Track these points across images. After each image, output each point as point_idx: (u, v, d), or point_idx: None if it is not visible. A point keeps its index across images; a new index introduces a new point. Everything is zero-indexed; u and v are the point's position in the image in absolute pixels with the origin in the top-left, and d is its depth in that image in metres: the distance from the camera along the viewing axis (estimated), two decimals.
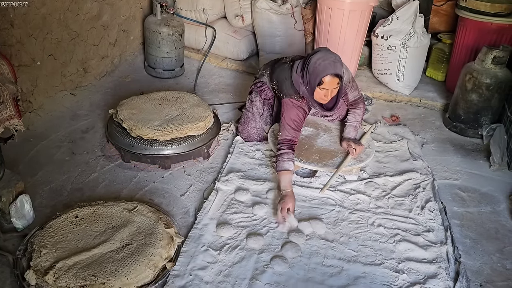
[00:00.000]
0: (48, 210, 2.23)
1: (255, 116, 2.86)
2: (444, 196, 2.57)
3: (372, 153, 2.66)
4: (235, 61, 4.07)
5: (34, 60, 2.87)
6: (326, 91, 2.39)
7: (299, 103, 2.51)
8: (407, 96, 3.69)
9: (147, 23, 3.72)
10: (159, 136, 2.56)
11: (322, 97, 2.44)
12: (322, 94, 2.41)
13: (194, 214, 2.30)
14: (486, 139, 3.04)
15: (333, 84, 2.37)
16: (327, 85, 2.36)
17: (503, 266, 2.12)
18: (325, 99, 2.44)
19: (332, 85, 2.37)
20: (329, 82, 2.35)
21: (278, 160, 2.41)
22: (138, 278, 1.82)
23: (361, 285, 1.95)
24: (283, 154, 2.41)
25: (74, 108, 3.16)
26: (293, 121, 2.48)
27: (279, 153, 2.43)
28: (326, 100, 2.45)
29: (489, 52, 3.05)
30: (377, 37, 3.63)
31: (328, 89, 2.38)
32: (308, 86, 2.42)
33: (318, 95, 2.43)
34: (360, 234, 2.23)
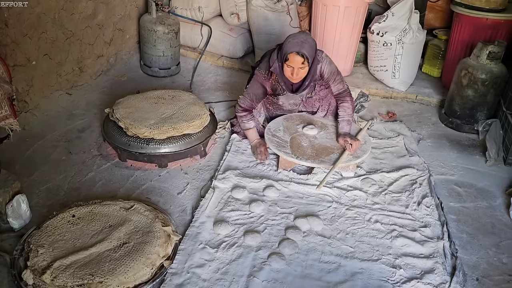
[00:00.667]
0: (45, 210, 2.23)
1: None
2: (441, 191, 2.58)
3: (369, 149, 2.67)
4: (231, 59, 4.06)
5: (29, 59, 2.86)
6: (292, 69, 2.52)
7: (264, 81, 2.69)
8: (403, 92, 3.70)
9: (143, 21, 3.72)
10: (155, 135, 2.56)
11: (289, 75, 2.57)
12: (289, 71, 2.55)
13: (191, 212, 2.30)
14: (482, 134, 3.05)
15: (297, 63, 2.49)
16: (292, 62, 2.49)
17: (499, 260, 2.13)
18: (292, 77, 2.57)
19: (297, 63, 2.49)
20: (293, 59, 2.48)
21: (241, 122, 2.78)
22: (135, 276, 1.82)
23: (358, 281, 1.95)
24: (243, 117, 2.76)
25: (70, 107, 3.16)
26: (253, 95, 2.73)
27: (241, 115, 2.76)
28: (293, 78, 2.57)
29: (484, 48, 3.06)
30: (373, 33, 3.63)
31: (293, 67, 2.51)
32: (279, 61, 2.58)
33: (286, 72, 2.57)
34: (357, 230, 2.24)
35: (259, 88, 2.72)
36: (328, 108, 2.93)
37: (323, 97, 2.87)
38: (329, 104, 2.91)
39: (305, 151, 2.60)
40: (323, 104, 2.91)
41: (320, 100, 2.88)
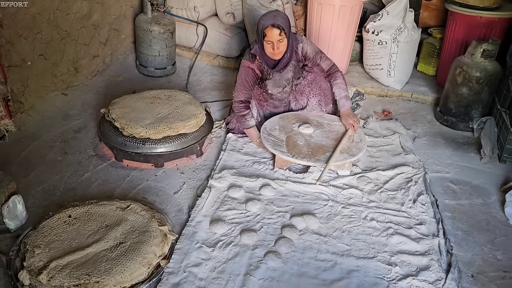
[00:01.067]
0: (41, 210, 2.22)
1: None
2: (436, 189, 2.59)
3: (364, 147, 2.68)
4: (227, 58, 4.07)
5: (25, 60, 2.86)
6: (272, 44, 2.59)
7: (251, 64, 2.73)
8: (399, 91, 3.71)
9: (138, 21, 3.71)
10: (151, 135, 2.56)
11: (270, 51, 2.63)
12: (269, 47, 2.61)
13: (187, 211, 2.31)
14: (477, 132, 3.07)
15: (275, 36, 2.56)
16: (270, 36, 2.56)
17: (494, 257, 2.15)
18: (274, 52, 2.63)
19: (275, 37, 2.56)
20: (270, 33, 2.55)
21: (243, 120, 2.78)
22: (132, 276, 1.82)
23: (354, 279, 1.96)
24: (245, 115, 2.77)
25: (65, 108, 3.15)
26: (245, 80, 2.74)
27: (241, 114, 2.77)
28: (275, 53, 2.63)
29: (478, 46, 3.07)
30: (368, 32, 3.64)
31: (273, 41, 2.58)
32: (258, 43, 2.66)
33: (267, 49, 2.64)
34: (353, 228, 2.25)
35: (248, 73, 2.75)
36: (320, 92, 2.92)
37: (312, 81, 2.88)
38: (320, 87, 2.90)
39: (301, 149, 2.61)
40: (313, 89, 2.90)
41: (309, 84, 2.89)
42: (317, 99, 2.94)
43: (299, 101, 2.97)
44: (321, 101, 2.95)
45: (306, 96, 2.94)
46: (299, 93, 2.94)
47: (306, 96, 2.94)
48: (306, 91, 2.93)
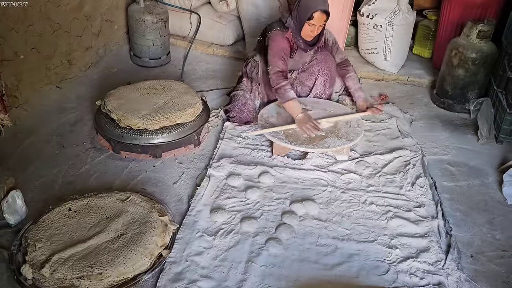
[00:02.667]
0: (41, 205, 2.22)
1: (245, 92, 2.90)
2: (434, 171, 2.61)
3: (362, 132, 2.68)
4: (221, 46, 4.04)
5: (17, 54, 2.82)
6: (314, 26, 2.59)
7: (284, 33, 2.67)
8: (395, 74, 3.71)
9: (131, 11, 3.67)
10: (148, 126, 2.55)
11: (308, 33, 2.63)
12: (309, 30, 2.61)
13: (187, 201, 2.31)
14: (474, 113, 3.07)
15: (321, 20, 2.57)
16: (316, 20, 2.55)
17: (493, 237, 2.17)
18: (311, 34, 2.64)
19: (320, 21, 2.57)
20: (318, 17, 2.54)
21: (282, 91, 2.61)
22: (134, 266, 1.83)
23: (355, 262, 1.98)
24: (285, 86, 2.61)
25: (60, 101, 3.13)
26: (282, 50, 2.65)
27: (280, 85, 2.61)
28: (312, 36, 2.65)
29: (474, 27, 3.06)
30: (363, 16, 3.62)
31: (316, 25, 2.58)
32: (297, 20, 2.60)
33: (305, 31, 2.62)
34: (353, 213, 2.26)
35: (285, 42, 2.68)
36: (328, 72, 2.91)
37: (321, 60, 2.87)
38: (328, 67, 2.90)
39: (298, 136, 2.61)
40: (322, 68, 2.88)
41: (318, 64, 2.87)
42: (323, 79, 2.93)
43: (305, 83, 2.94)
44: (326, 81, 2.94)
45: (315, 75, 2.92)
46: (307, 74, 2.91)
47: (314, 76, 2.92)
48: (315, 71, 2.90)
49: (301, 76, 2.93)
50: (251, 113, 2.90)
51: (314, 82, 2.93)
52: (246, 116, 2.90)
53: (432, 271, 1.95)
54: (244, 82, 2.94)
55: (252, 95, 2.90)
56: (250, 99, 2.90)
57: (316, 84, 2.94)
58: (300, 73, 2.92)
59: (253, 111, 2.90)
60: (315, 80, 2.93)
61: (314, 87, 2.95)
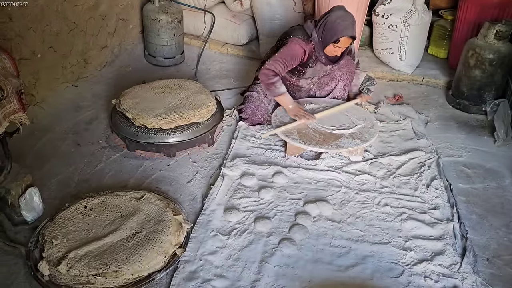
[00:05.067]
0: (57, 202, 2.25)
1: (260, 95, 2.89)
2: (449, 173, 2.58)
3: (376, 133, 2.66)
4: (235, 46, 4.04)
5: (35, 53, 2.86)
6: (339, 48, 2.62)
7: (304, 44, 2.64)
8: (410, 74, 3.67)
9: (145, 11, 3.70)
10: (163, 125, 2.57)
11: (332, 53, 2.66)
12: (334, 50, 2.64)
13: (201, 200, 2.32)
14: (490, 115, 3.03)
15: (346, 44, 2.61)
16: (342, 44, 2.59)
17: (510, 240, 2.14)
18: (334, 53, 2.67)
19: (346, 44, 2.61)
20: (344, 41, 2.58)
21: (273, 88, 2.66)
22: (149, 265, 1.85)
23: (369, 264, 1.97)
24: (275, 83, 2.65)
25: (76, 99, 3.17)
26: (291, 58, 2.63)
27: (271, 82, 2.65)
28: (335, 54, 2.68)
29: (491, 27, 3.02)
30: (378, 16, 3.59)
31: (341, 47, 2.62)
32: (321, 38, 2.61)
33: (329, 49, 2.64)
34: (367, 214, 2.25)
35: (298, 52, 2.64)
36: (349, 77, 2.93)
37: (344, 65, 2.88)
38: (350, 72, 2.92)
39: (312, 136, 2.60)
40: (344, 73, 2.90)
41: (341, 68, 2.88)
42: (344, 84, 2.94)
43: (325, 88, 2.95)
44: (346, 86, 2.96)
45: (336, 80, 2.92)
46: (329, 79, 2.92)
47: (336, 81, 2.92)
48: (337, 75, 2.91)
49: (322, 80, 2.92)
50: (264, 116, 2.90)
51: (335, 87, 2.94)
52: (258, 118, 2.90)
53: (447, 274, 1.93)
54: (260, 85, 2.90)
55: (266, 99, 2.89)
56: (264, 102, 2.89)
57: (336, 88, 2.94)
58: (320, 78, 2.91)
59: (265, 114, 2.90)
60: (337, 84, 2.93)
61: (334, 91, 2.95)
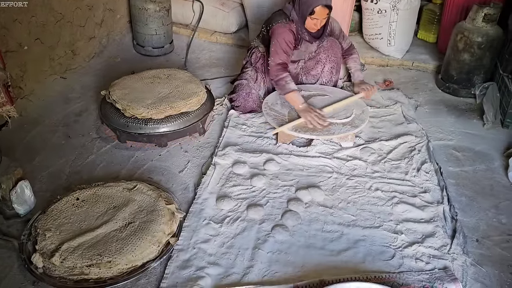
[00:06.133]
0: (49, 194, 2.25)
1: (249, 82, 2.89)
2: (439, 157, 2.60)
3: (367, 118, 2.67)
4: (224, 34, 4.02)
5: (21, 45, 2.83)
6: (317, 20, 2.61)
7: (289, 26, 2.66)
8: (399, 59, 3.68)
9: (133, 0, 3.65)
10: (153, 115, 2.56)
11: (312, 26, 2.66)
12: (312, 23, 2.63)
13: (193, 189, 2.33)
14: (479, 98, 3.05)
15: (323, 14, 2.59)
16: (318, 15, 2.57)
17: (499, 221, 2.17)
18: (314, 27, 2.67)
19: (322, 15, 2.59)
20: (319, 12, 2.56)
21: (283, 83, 2.63)
22: (143, 254, 1.86)
23: (361, 248, 2.00)
24: (285, 78, 2.63)
25: (65, 91, 3.14)
26: (286, 43, 2.64)
27: (281, 77, 2.63)
28: (316, 29, 2.68)
29: (479, 10, 3.03)
30: (367, 1, 3.59)
31: (318, 19, 2.60)
32: (299, 14, 2.62)
33: (308, 24, 2.65)
34: (358, 199, 2.27)
35: (290, 35, 2.66)
36: (335, 59, 2.92)
37: (328, 47, 2.88)
38: (335, 54, 2.92)
39: (303, 123, 2.60)
40: (329, 55, 2.90)
41: (325, 51, 2.88)
42: (331, 66, 2.93)
43: (311, 72, 2.94)
44: (333, 68, 2.94)
45: (322, 63, 2.92)
46: (314, 62, 2.91)
47: (321, 64, 2.92)
48: (322, 58, 2.90)
49: (308, 64, 2.92)
50: (256, 103, 2.90)
51: (322, 70, 2.93)
52: (250, 105, 2.90)
53: (438, 255, 1.96)
54: (248, 72, 2.91)
55: (256, 85, 2.89)
56: (254, 88, 2.89)
57: (323, 71, 2.93)
58: (306, 62, 2.91)
59: (257, 101, 2.90)
60: (323, 67, 2.92)
61: (321, 75, 2.94)
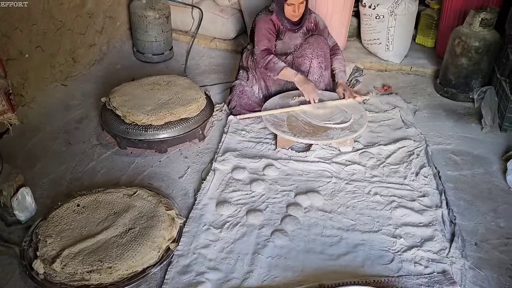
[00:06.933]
0: (50, 201, 2.26)
1: (241, 81, 2.97)
2: (438, 161, 2.62)
3: (365, 123, 2.69)
4: (224, 40, 4.05)
5: (22, 52, 2.85)
6: (294, 6, 2.72)
7: (268, 16, 2.83)
8: (398, 64, 3.70)
9: (133, 7, 3.69)
10: (153, 121, 2.58)
11: (291, 13, 2.76)
12: (291, 9, 2.74)
13: (193, 195, 2.34)
14: (477, 102, 3.06)
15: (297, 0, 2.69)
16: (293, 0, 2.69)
17: (497, 225, 2.18)
18: (294, 14, 2.77)
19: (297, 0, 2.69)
20: None
21: (272, 64, 2.75)
22: (143, 260, 1.87)
23: (360, 252, 2.01)
24: (272, 59, 2.76)
25: (66, 98, 3.16)
26: (267, 30, 2.80)
27: (268, 60, 2.76)
28: (295, 15, 2.78)
29: (476, 15, 3.05)
30: (365, 6, 3.61)
31: (294, 4, 2.71)
32: (277, 4, 2.76)
33: (287, 11, 2.76)
34: (357, 204, 2.28)
35: (269, 23, 2.82)
36: (321, 53, 2.93)
37: (313, 42, 2.92)
38: (321, 48, 2.93)
39: (302, 128, 2.62)
40: (315, 50, 2.91)
41: (310, 46, 2.91)
42: (319, 61, 2.92)
43: (300, 68, 2.93)
44: (321, 62, 2.93)
45: (309, 59, 2.91)
46: (302, 58, 2.92)
47: (309, 59, 2.91)
48: (308, 53, 2.91)
49: (297, 61, 2.94)
50: (250, 99, 2.94)
51: (310, 65, 2.92)
52: (245, 102, 2.93)
53: (437, 259, 1.97)
54: (240, 73, 3.03)
55: (249, 82, 2.96)
56: (247, 86, 2.96)
57: (312, 67, 2.92)
58: (295, 59, 2.94)
59: (252, 97, 2.93)
60: (310, 62, 2.92)
61: (311, 70, 2.92)
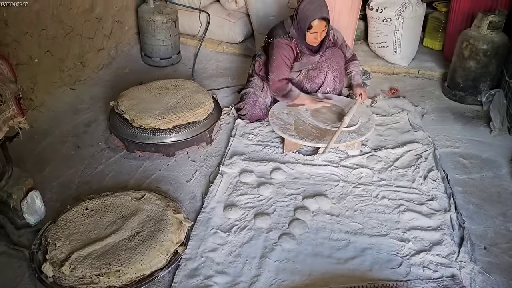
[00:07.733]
0: (59, 204, 2.28)
1: (256, 90, 2.93)
2: (446, 164, 2.60)
3: (373, 126, 2.68)
4: (231, 44, 4.06)
5: (32, 57, 2.88)
6: (316, 34, 2.68)
7: (288, 42, 2.75)
8: (405, 67, 3.69)
9: (141, 12, 3.72)
10: (161, 125, 2.59)
11: (312, 40, 2.73)
12: (312, 37, 2.70)
13: (201, 198, 2.35)
14: (486, 105, 3.05)
15: (321, 27, 2.66)
16: (316, 28, 2.64)
17: (506, 229, 2.16)
18: (315, 41, 2.74)
19: (320, 28, 2.66)
20: (317, 25, 2.63)
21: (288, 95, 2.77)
22: (151, 263, 1.88)
23: (368, 256, 2.00)
24: (292, 89, 2.77)
25: (75, 102, 3.19)
26: (286, 57, 2.75)
27: (287, 90, 2.76)
28: (317, 42, 2.76)
29: (484, 18, 3.04)
30: (372, 10, 3.61)
31: (317, 32, 2.67)
32: (298, 30, 2.70)
33: (309, 38, 2.72)
34: (365, 207, 2.28)
35: (289, 51, 2.76)
36: (337, 67, 2.95)
37: (330, 56, 2.92)
38: (337, 62, 2.95)
39: (309, 132, 2.62)
40: (331, 64, 2.92)
41: (327, 60, 2.92)
42: (334, 75, 2.95)
43: (315, 80, 2.96)
44: (336, 77, 2.96)
45: (324, 72, 2.93)
46: (317, 71, 2.93)
47: (324, 73, 2.93)
48: (324, 67, 2.93)
49: (311, 73, 2.95)
50: (262, 111, 2.93)
51: (324, 79, 2.94)
52: (257, 113, 2.93)
53: (445, 263, 1.95)
54: (254, 80, 2.96)
55: (263, 93, 2.92)
56: (261, 96, 2.92)
57: (326, 80, 2.94)
58: (309, 71, 2.94)
59: (264, 109, 2.93)
60: (325, 76, 2.93)
61: (324, 83, 2.95)
